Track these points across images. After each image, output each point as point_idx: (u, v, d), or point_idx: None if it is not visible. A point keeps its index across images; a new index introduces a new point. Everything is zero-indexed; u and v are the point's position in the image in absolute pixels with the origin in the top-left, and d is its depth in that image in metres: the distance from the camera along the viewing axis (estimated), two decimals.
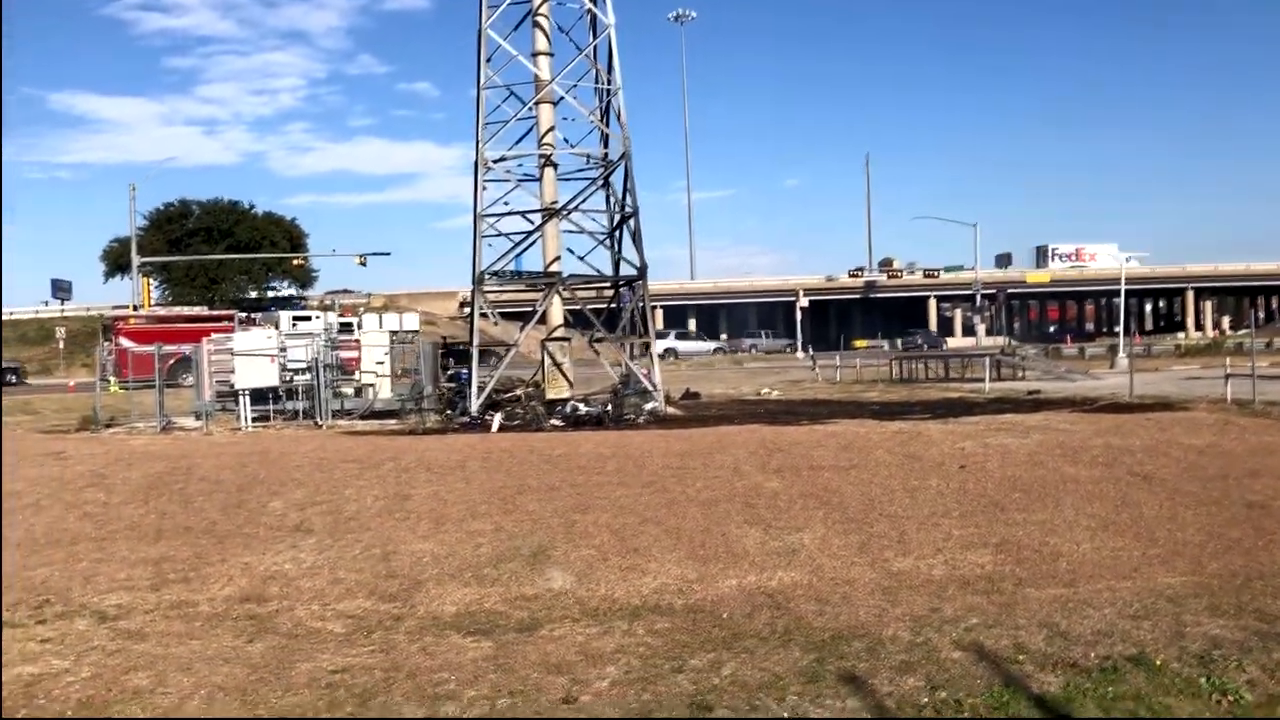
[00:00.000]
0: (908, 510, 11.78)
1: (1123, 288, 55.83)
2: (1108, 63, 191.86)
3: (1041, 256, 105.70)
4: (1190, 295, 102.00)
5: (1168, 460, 14.60)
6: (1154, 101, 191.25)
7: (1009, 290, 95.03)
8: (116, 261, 79.59)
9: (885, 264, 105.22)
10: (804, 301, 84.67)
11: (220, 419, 24.10)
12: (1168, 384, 30.40)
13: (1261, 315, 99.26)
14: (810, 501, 12.17)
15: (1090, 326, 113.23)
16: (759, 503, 12.15)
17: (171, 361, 33.24)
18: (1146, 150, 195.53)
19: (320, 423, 23.43)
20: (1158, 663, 7.00)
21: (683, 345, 76.17)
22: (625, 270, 27.52)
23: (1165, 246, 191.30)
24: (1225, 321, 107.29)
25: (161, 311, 56.67)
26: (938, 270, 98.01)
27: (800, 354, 72.41)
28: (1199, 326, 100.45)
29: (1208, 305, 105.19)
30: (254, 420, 23.55)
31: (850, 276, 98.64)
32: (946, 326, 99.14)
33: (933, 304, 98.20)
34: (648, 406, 24.49)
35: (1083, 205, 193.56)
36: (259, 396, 23.90)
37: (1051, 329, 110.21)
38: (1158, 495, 12.66)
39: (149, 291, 69.60)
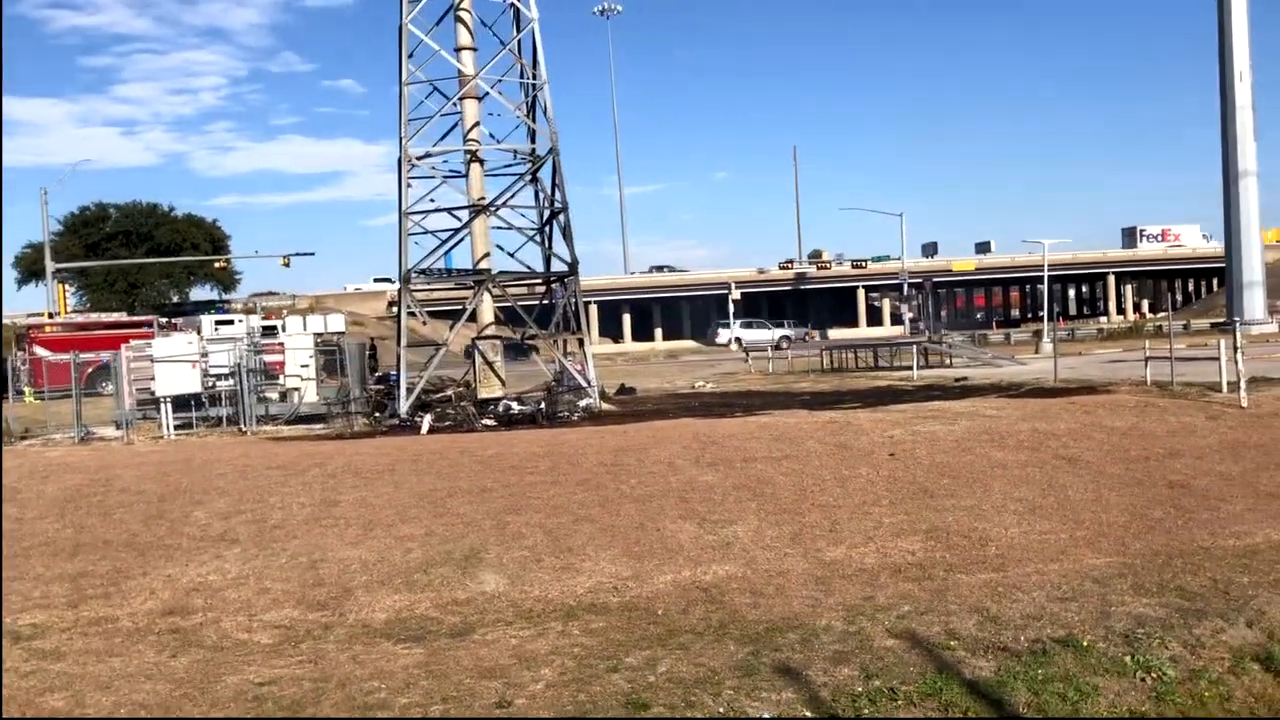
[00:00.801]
0: (839, 499, 11.86)
1: (1045, 274, 57.06)
2: (1014, 54, 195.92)
3: (1130, 238, 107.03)
4: (1111, 280, 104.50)
5: (1091, 443, 14.89)
6: (1063, 101, 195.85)
7: (936, 279, 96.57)
8: (30, 268, 77.15)
9: (814, 256, 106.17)
10: (736, 294, 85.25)
11: (142, 428, 23.48)
12: (1091, 367, 31.11)
13: (1179, 298, 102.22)
14: (744, 494, 12.22)
15: (1016, 313, 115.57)
16: (694, 497, 12.16)
17: (90, 370, 32.33)
18: (1063, 140, 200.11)
19: (245, 429, 22.97)
20: (1085, 643, 7.14)
21: (749, 334, 69.53)
22: (557, 266, 27.39)
23: (1085, 234, 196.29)
24: (1145, 305, 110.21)
25: (79, 318, 55.02)
26: (865, 260, 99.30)
27: (733, 346, 72.82)
28: (1120, 310, 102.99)
29: (1128, 289, 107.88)
30: (177, 428, 23.02)
31: (781, 269, 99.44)
32: (876, 315, 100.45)
33: (861, 294, 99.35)
34: (582, 403, 24.41)
35: (1009, 197, 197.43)
36: (182, 403, 23.37)
37: (979, 316, 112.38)
38: (1083, 478, 12.88)
39: (65, 298, 67.67)
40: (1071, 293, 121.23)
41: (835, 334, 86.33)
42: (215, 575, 9.95)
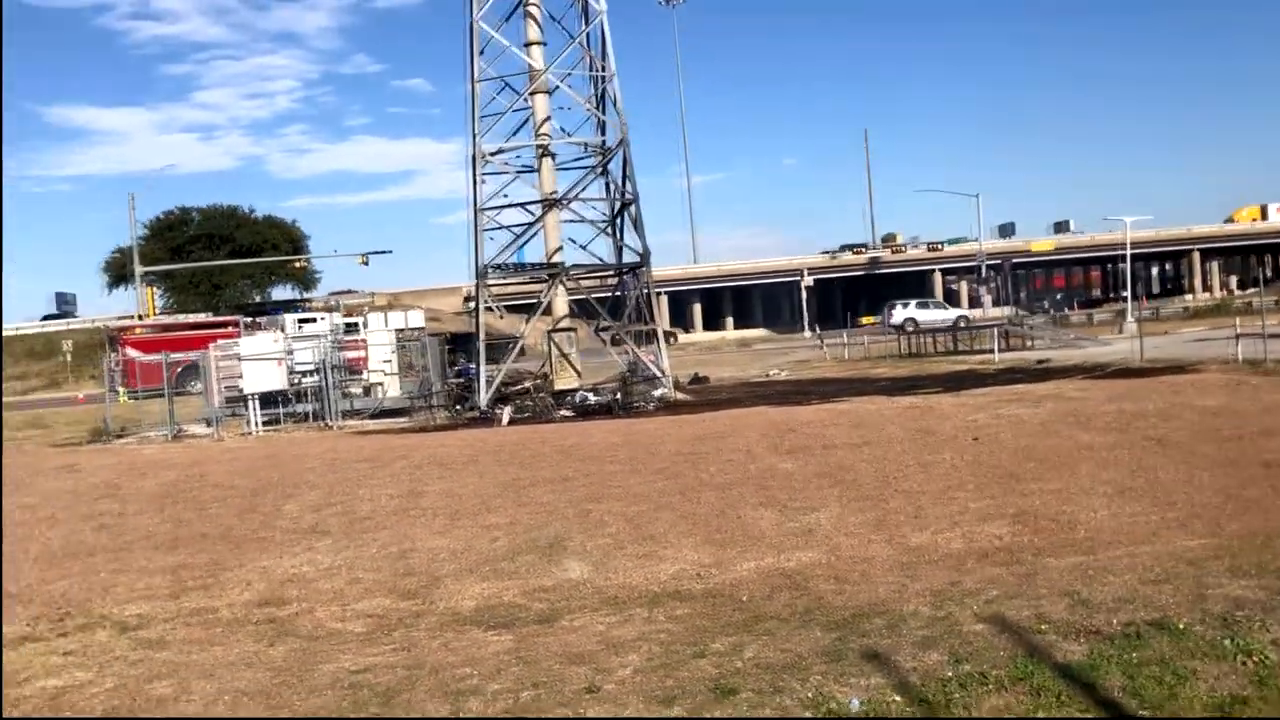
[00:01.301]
0: (922, 485, 11.67)
1: (1128, 252, 55.60)
2: (1101, 41, 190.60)
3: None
4: (1196, 257, 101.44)
5: (1181, 423, 14.49)
6: (1137, 76, 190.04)
7: (1013, 260, 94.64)
8: (118, 272, 79.58)
9: (888, 239, 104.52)
10: (808, 280, 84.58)
11: (230, 424, 24.09)
12: (1177, 347, 30.29)
13: (1269, 273, 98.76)
14: (824, 481, 12.05)
15: (1096, 293, 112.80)
16: (773, 484, 12.02)
17: (179, 369, 33.28)
18: (1145, 116, 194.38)
19: (330, 424, 23.41)
20: (1180, 626, 6.96)
21: (923, 315, 65.80)
22: (627, 257, 27.47)
23: (1168, 211, 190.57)
24: (1233, 281, 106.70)
25: (166, 320, 56.68)
26: (941, 243, 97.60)
27: (807, 333, 72.05)
28: (1206, 288, 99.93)
29: (1214, 266, 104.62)
30: (264, 424, 23.54)
31: (854, 254, 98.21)
32: (952, 299, 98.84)
33: (938, 277, 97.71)
34: (656, 393, 24.43)
35: (1088, 175, 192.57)
36: (268, 400, 23.87)
37: (1058, 297, 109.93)
38: (1173, 459, 12.56)
39: (153, 300, 69.64)
40: (1155, 271, 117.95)
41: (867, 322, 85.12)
42: (308, 566, 10.10)
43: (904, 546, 9.54)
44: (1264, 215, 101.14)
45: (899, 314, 67.06)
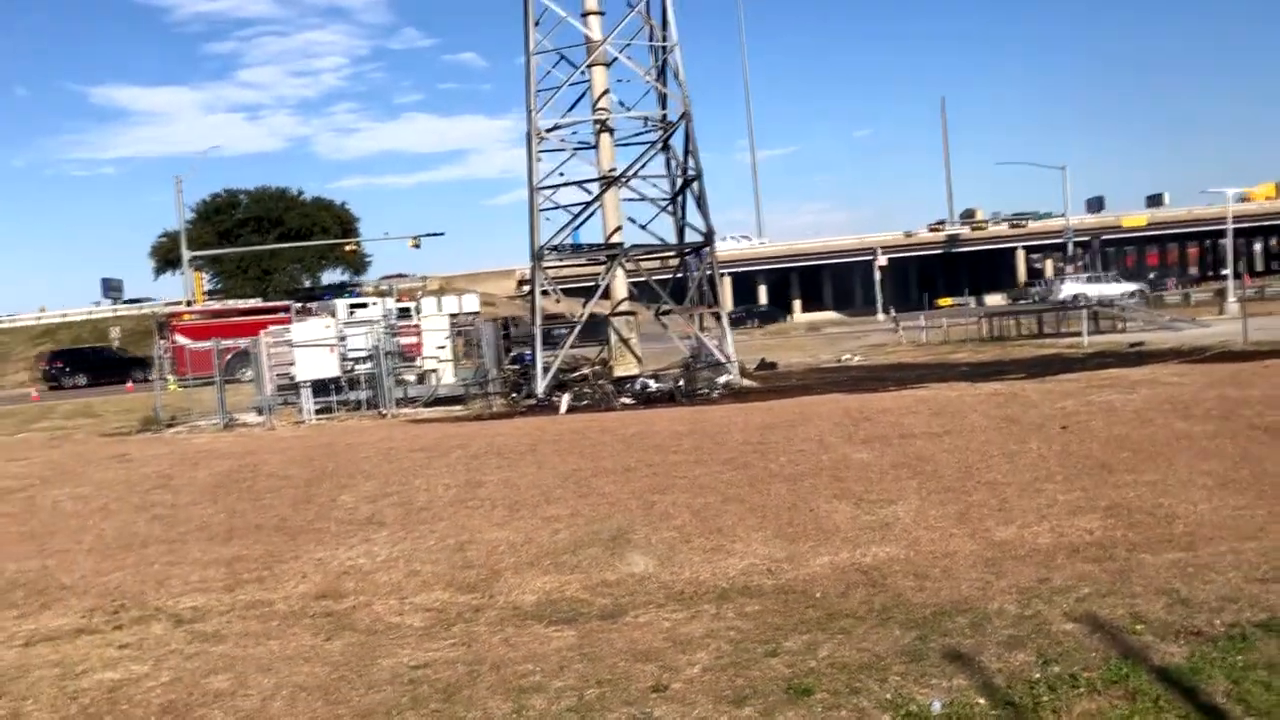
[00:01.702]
0: (1008, 476, 11.58)
1: (1229, 226, 54.25)
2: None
3: None
4: None
5: None
6: (1238, 39, 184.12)
7: (1103, 236, 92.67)
8: (166, 256, 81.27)
9: (967, 215, 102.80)
10: (882, 260, 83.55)
11: (282, 413, 24.50)
12: None
13: None
14: (903, 471, 12.01)
15: (1194, 270, 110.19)
16: (848, 475, 12.00)
17: (229, 356, 33.87)
18: (1246, 80, 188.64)
19: (384, 412, 23.71)
20: None
21: (1094, 289, 61.83)
22: (690, 237, 27.37)
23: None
24: None
25: (216, 305, 57.78)
26: (1025, 218, 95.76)
27: (881, 316, 71.26)
28: None
29: None
30: (317, 412, 23.92)
31: (930, 231, 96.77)
32: (1037, 279, 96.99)
33: (1021, 255, 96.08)
34: (722, 380, 24.38)
35: (1184, 144, 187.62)
36: (320, 388, 24.21)
37: (1151, 275, 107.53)
38: None
39: (201, 286, 71.03)
40: (1258, 247, 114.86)
41: (992, 300, 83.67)
42: (364, 559, 10.24)
43: (988, 541, 9.45)
44: None
45: (1068, 288, 63.13)
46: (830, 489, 11.42)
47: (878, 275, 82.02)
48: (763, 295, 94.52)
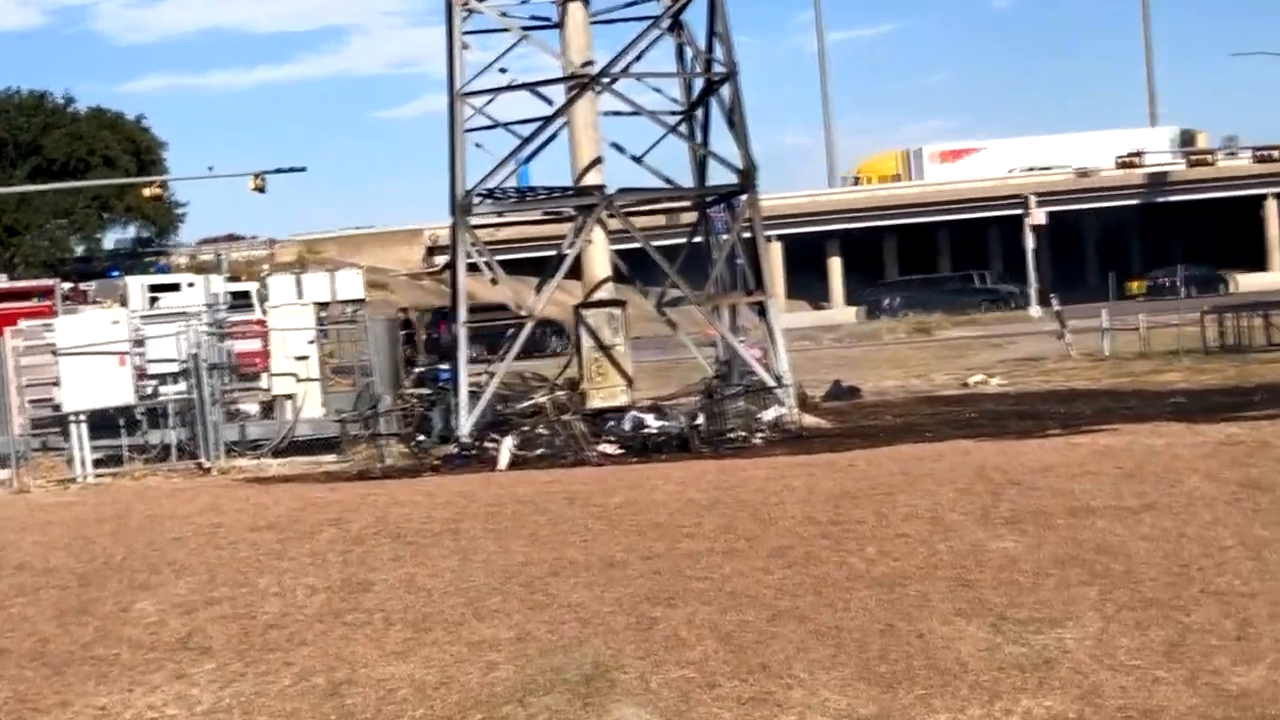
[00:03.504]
0: (1251, 581, 9.66)
1: None
2: None
3: None
4: None
5: None
6: None
7: None
8: None
9: (1185, 140, 74.56)
10: (1038, 215, 59.09)
11: (42, 464, 19.96)
12: None
13: None
14: (1074, 572, 9.99)
15: None
16: (981, 578, 9.95)
17: None
18: None
19: (207, 464, 19.39)
20: None
21: None
22: (718, 177, 21.59)
23: None
24: None
25: None
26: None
27: (1035, 308, 54.28)
28: None
29: None
30: (98, 464, 19.43)
31: (1121, 168, 67.43)
32: None
33: (1273, 208, 68.00)
34: (768, 415, 19.64)
35: None
36: (104, 423, 19.79)
37: None
38: None
39: None
40: None
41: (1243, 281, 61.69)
42: (177, 708, 8.67)
43: (1219, 692, 7.85)
44: None
45: None
46: (951, 600, 9.59)
47: (1030, 240, 58.36)
48: (836, 273, 69.74)
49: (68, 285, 37.12)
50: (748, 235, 21.13)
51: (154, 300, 24.12)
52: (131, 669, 9.09)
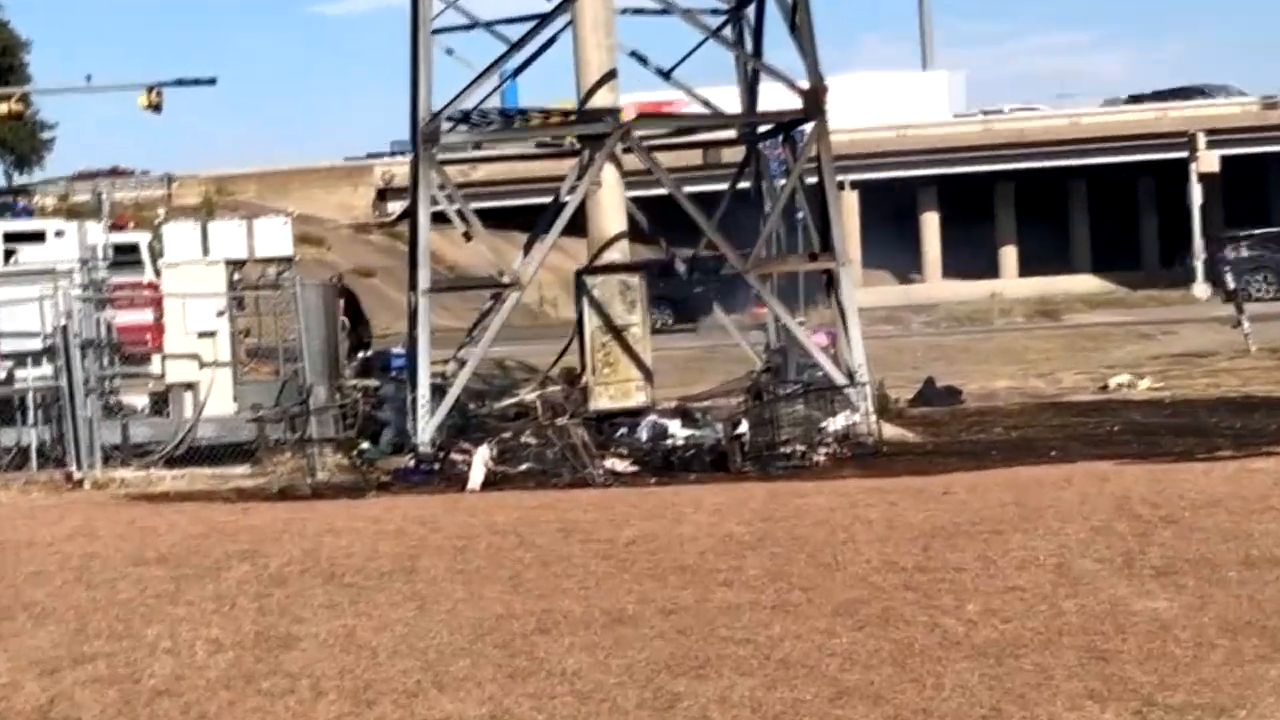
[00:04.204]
0: None
1: None
2: None
3: None
4: None
5: None
6: None
7: None
8: None
9: None
10: (1209, 161, 49.23)
11: None
12: None
13: None
14: (1249, 643, 8.54)
15: None
16: (1122, 648, 8.48)
17: None
18: None
19: (79, 474, 17.03)
20: None
21: None
22: (770, 101, 18.93)
23: None
24: None
25: None
26: None
27: (1201, 287, 45.98)
28: None
29: None
30: None
31: None
32: None
33: None
34: (836, 423, 17.21)
35: None
36: None
37: None
38: None
39: None
40: None
41: None
42: None
43: None
44: None
45: None
46: (1082, 678, 8.15)
47: (1197, 194, 48.23)
48: (932, 232, 55.94)
49: None
50: (813, 180, 18.30)
51: (9, 254, 21.30)
52: None
